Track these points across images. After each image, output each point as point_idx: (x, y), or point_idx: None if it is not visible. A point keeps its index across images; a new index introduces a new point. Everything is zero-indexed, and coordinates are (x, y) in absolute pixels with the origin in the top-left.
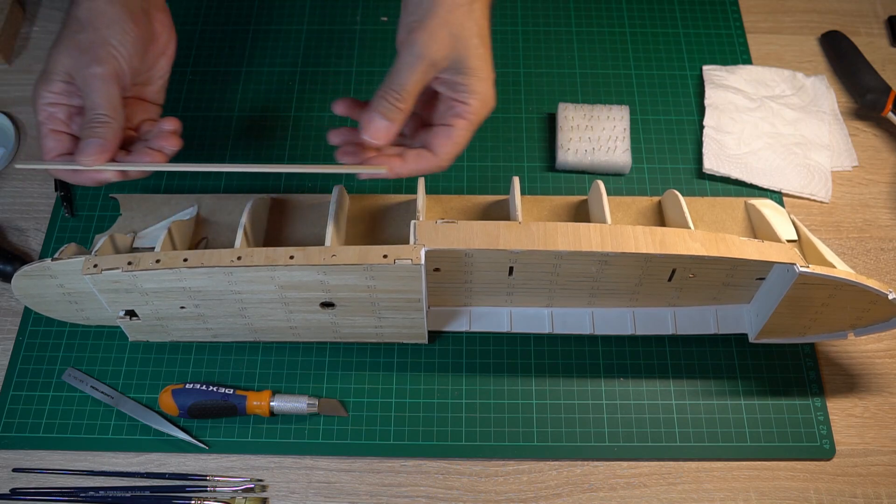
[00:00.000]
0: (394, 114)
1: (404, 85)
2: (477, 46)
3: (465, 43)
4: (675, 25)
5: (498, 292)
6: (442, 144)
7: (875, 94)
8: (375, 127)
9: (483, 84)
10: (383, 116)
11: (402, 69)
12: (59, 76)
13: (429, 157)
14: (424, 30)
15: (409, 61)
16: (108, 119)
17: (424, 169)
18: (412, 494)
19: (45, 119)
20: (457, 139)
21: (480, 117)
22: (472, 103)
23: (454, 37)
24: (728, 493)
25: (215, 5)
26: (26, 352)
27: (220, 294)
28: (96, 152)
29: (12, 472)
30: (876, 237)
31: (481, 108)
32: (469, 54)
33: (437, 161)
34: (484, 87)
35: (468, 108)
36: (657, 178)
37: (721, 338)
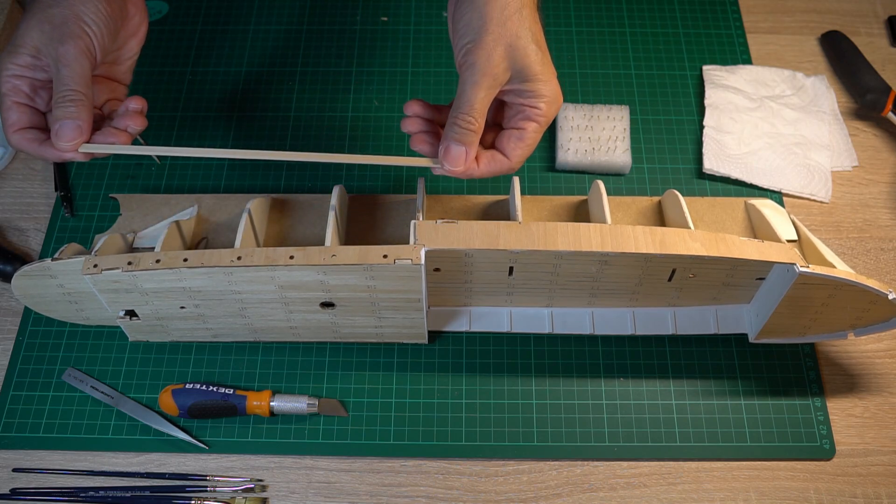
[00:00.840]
0: (468, 137)
1: (472, 106)
2: (535, 52)
3: (523, 52)
4: (675, 25)
5: (498, 292)
6: (514, 147)
7: (875, 94)
8: (453, 156)
9: (548, 86)
10: (459, 143)
11: (467, 90)
12: (26, 49)
13: (501, 160)
14: (481, 49)
15: (473, 81)
16: (80, 96)
17: (497, 171)
18: (412, 494)
19: (9, 91)
20: (528, 141)
21: (550, 118)
22: (541, 106)
23: (511, 48)
24: (728, 493)
25: (215, 5)
26: (26, 352)
27: (220, 294)
28: (75, 136)
29: (12, 472)
30: (876, 237)
31: (549, 109)
32: (529, 62)
33: (509, 164)
34: (550, 89)
35: (538, 112)
36: (657, 178)
37: (721, 338)
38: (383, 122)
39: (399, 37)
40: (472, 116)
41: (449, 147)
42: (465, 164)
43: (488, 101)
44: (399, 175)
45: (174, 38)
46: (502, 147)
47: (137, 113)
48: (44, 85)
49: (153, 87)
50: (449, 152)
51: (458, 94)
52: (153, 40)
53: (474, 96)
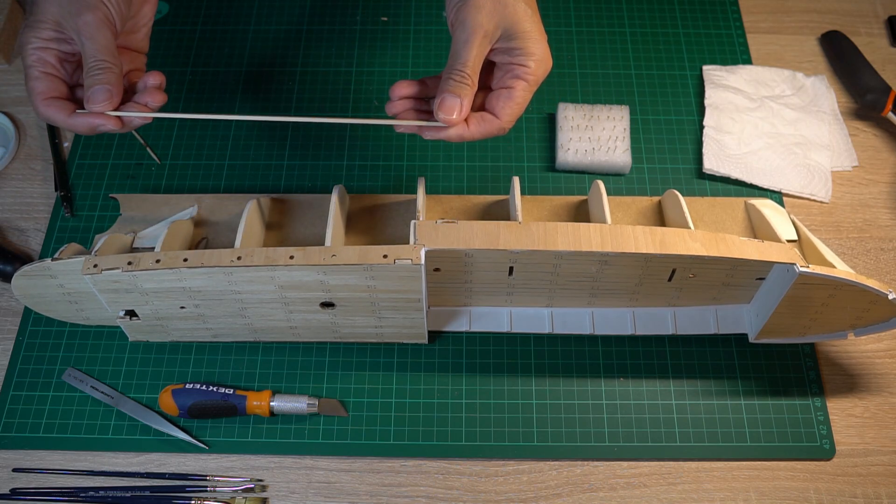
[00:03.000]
0: (462, 90)
1: (466, 61)
2: (525, 10)
3: (513, 9)
4: (675, 25)
5: (498, 292)
6: (504, 106)
7: (875, 94)
8: (448, 105)
9: (538, 45)
10: (454, 94)
11: (461, 47)
12: (47, 23)
13: (492, 120)
14: (472, 5)
15: (465, 38)
16: (108, 64)
17: (488, 132)
18: (412, 494)
19: (36, 62)
20: (518, 100)
21: (539, 77)
22: (530, 65)
23: (501, 5)
24: (728, 493)
25: (215, 5)
26: (26, 352)
27: (220, 294)
28: (105, 98)
29: (12, 472)
30: (876, 237)
31: (538, 68)
32: (518, 18)
33: (499, 123)
34: (539, 48)
35: (527, 70)
36: (657, 178)
37: (721, 338)
38: None
39: (399, 37)
40: (465, 72)
41: (444, 98)
42: (460, 115)
43: (481, 57)
44: (399, 175)
45: (174, 38)
46: (492, 107)
47: (156, 89)
48: (68, 57)
49: None
50: (444, 102)
51: (451, 53)
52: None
53: (467, 53)
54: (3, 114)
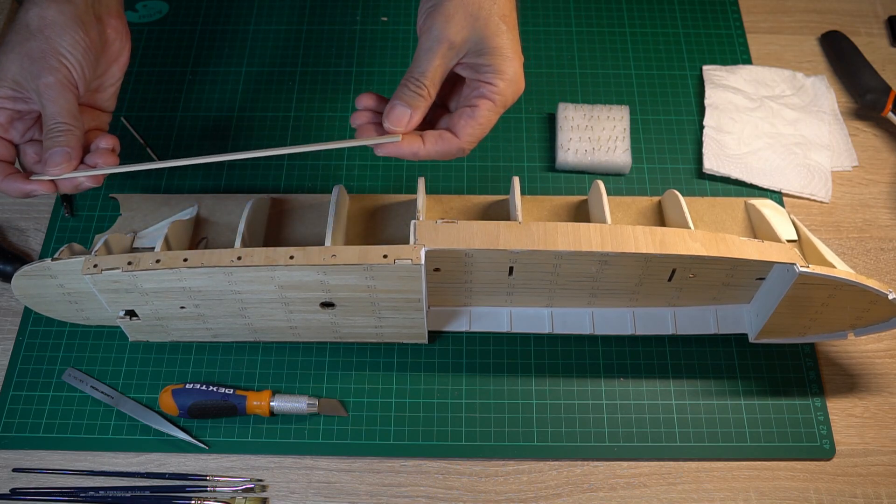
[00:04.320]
0: (415, 101)
1: (424, 71)
2: (498, 25)
3: (485, 23)
4: (675, 25)
5: (498, 292)
6: (464, 126)
7: (875, 94)
8: (396, 114)
9: (508, 63)
10: (405, 104)
11: (422, 55)
12: (6, 82)
13: (450, 139)
14: (441, 13)
15: (428, 46)
16: (68, 126)
17: (445, 151)
18: (412, 494)
19: None
20: (480, 120)
21: (507, 98)
22: (498, 84)
23: (472, 17)
24: (728, 493)
25: (215, 5)
26: (26, 352)
27: (220, 294)
28: (63, 160)
29: (12, 472)
30: (876, 237)
31: (507, 88)
32: (490, 33)
33: (458, 143)
34: (509, 67)
35: (494, 89)
36: (657, 178)
37: (721, 338)
38: None
39: (399, 37)
40: (421, 82)
41: (395, 106)
42: (408, 126)
43: (443, 69)
44: (399, 175)
45: (174, 38)
46: (452, 125)
47: (109, 151)
48: (21, 116)
49: (153, 87)
50: (393, 111)
51: (413, 60)
52: (153, 40)
53: (428, 63)
54: None
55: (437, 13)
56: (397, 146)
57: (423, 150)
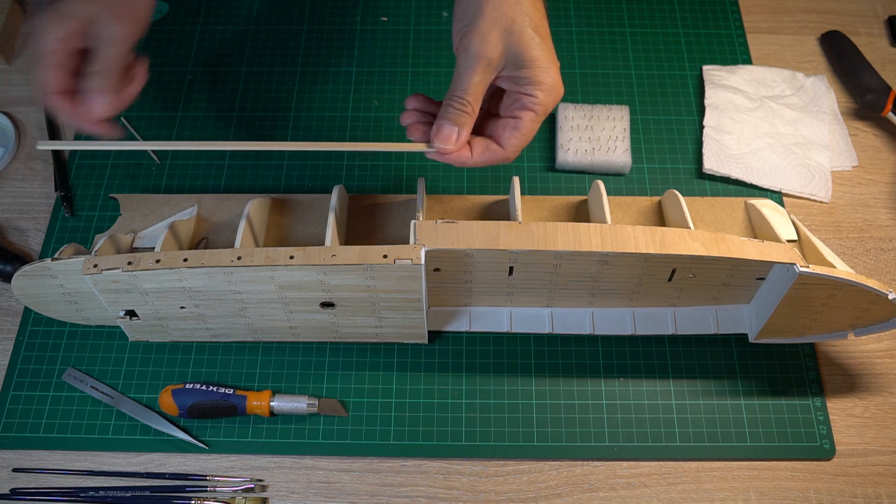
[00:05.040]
0: (461, 118)
1: (466, 89)
2: (532, 37)
3: (519, 36)
4: (675, 25)
5: (498, 292)
6: (510, 137)
7: (875, 94)
8: (444, 134)
9: (546, 74)
10: (451, 122)
11: (462, 74)
12: (78, 18)
13: (496, 150)
14: (476, 32)
15: (467, 65)
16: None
17: (491, 161)
18: (412, 494)
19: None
20: (524, 131)
21: (548, 108)
22: (538, 95)
23: (506, 32)
24: (728, 493)
25: (215, 5)
26: (26, 352)
27: (220, 294)
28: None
29: (12, 472)
30: (876, 237)
31: (547, 97)
32: (525, 46)
33: (503, 153)
34: (548, 77)
35: (534, 100)
36: (657, 178)
37: (721, 338)
38: (383, 121)
39: (399, 37)
40: (465, 99)
41: (442, 126)
42: (456, 144)
43: (484, 85)
44: (399, 175)
45: (174, 38)
46: (497, 136)
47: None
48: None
49: (153, 87)
50: (441, 131)
51: (454, 78)
52: (153, 40)
53: (469, 80)
54: (3, 114)
55: (473, 32)
56: (447, 155)
57: (472, 159)
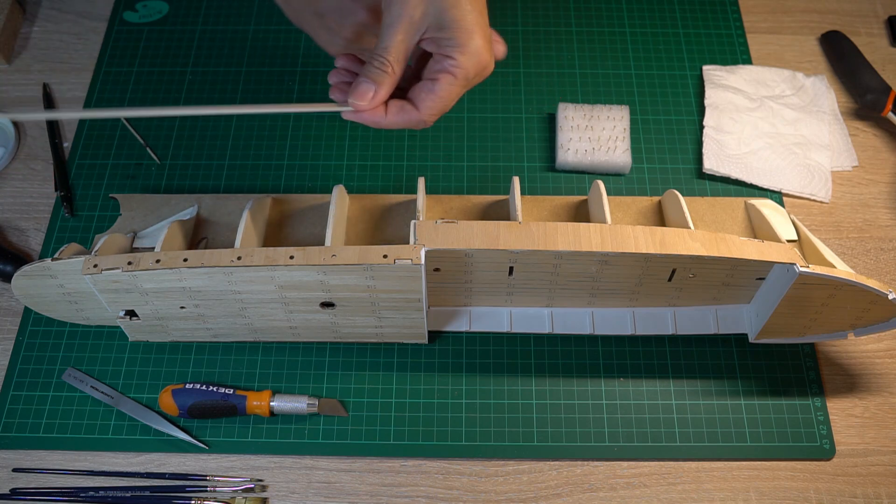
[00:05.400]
0: (379, 77)
1: (387, 47)
2: None
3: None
4: (675, 25)
5: (498, 292)
6: (424, 99)
7: (875, 94)
8: (360, 91)
9: (467, 36)
10: (369, 80)
11: (385, 32)
12: None
13: (410, 111)
14: None
15: (389, 23)
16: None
17: (406, 122)
18: (412, 494)
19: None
20: (441, 94)
21: (468, 72)
22: (457, 57)
23: None
24: (728, 493)
25: (215, 5)
26: (26, 352)
27: (220, 294)
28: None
29: (12, 472)
30: (876, 237)
31: (467, 62)
32: (447, 6)
33: (418, 115)
34: (469, 40)
35: (453, 63)
36: (657, 178)
37: (721, 338)
38: None
39: None
40: (384, 58)
41: (359, 83)
42: (372, 102)
43: (405, 45)
44: (399, 175)
45: (174, 38)
46: (413, 97)
47: None
48: None
49: (153, 87)
50: (357, 87)
51: (378, 36)
52: (153, 40)
53: (390, 39)
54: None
55: None
56: (360, 115)
57: (385, 120)
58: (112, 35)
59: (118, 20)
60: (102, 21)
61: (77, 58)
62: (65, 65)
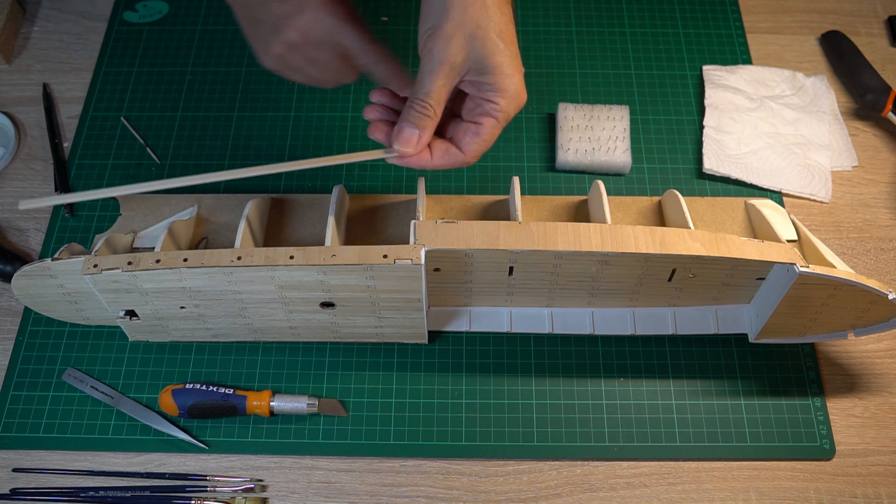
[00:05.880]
0: (422, 121)
1: (429, 92)
2: (496, 43)
3: (483, 42)
4: (675, 25)
5: (498, 292)
6: (470, 143)
7: (875, 94)
8: (405, 137)
9: (509, 80)
10: (413, 125)
11: (425, 77)
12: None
13: (456, 154)
14: (440, 36)
15: (430, 68)
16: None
17: (451, 164)
18: (412, 494)
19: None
20: (484, 137)
21: (509, 114)
22: (499, 102)
23: (470, 37)
24: (728, 493)
25: (215, 5)
26: (26, 352)
27: (220, 294)
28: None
29: (12, 472)
30: (876, 237)
31: (508, 105)
32: (488, 52)
33: (463, 158)
34: (511, 84)
35: (496, 107)
36: (657, 178)
37: (721, 338)
38: None
39: (399, 37)
40: (427, 102)
41: (402, 128)
42: (417, 147)
43: (446, 89)
44: (399, 175)
45: (174, 38)
46: (458, 140)
47: None
48: None
49: (153, 86)
50: (401, 133)
51: (417, 80)
52: (153, 40)
53: (431, 84)
54: (3, 114)
55: (437, 35)
56: (407, 159)
57: (431, 163)
58: (112, 35)
59: (118, 20)
60: (102, 21)
61: (77, 58)
62: (65, 65)
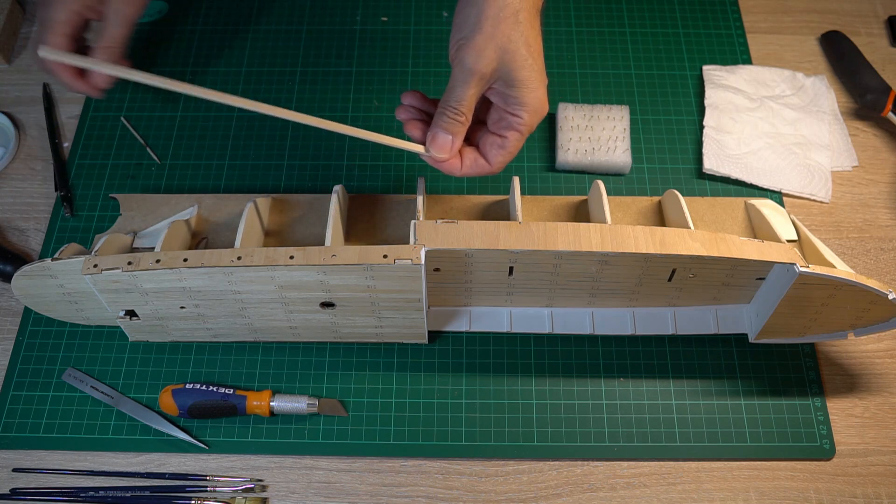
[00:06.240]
0: (455, 127)
1: (460, 100)
2: (525, 57)
3: (513, 56)
4: (675, 25)
5: (498, 292)
6: (496, 155)
7: (875, 94)
8: (440, 143)
9: (533, 95)
10: (446, 131)
11: (457, 85)
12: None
13: (483, 165)
14: (472, 46)
15: (462, 78)
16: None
17: (478, 173)
18: (412, 494)
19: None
20: (510, 149)
21: (532, 126)
22: (523, 116)
23: (501, 50)
24: (728, 493)
25: (215, 5)
26: (26, 352)
27: (220, 294)
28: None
29: (12, 472)
30: (876, 237)
31: (532, 118)
32: (516, 66)
33: (490, 168)
34: (534, 98)
35: (520, 121)
36: (657, 178)
37: (721, 338)
38: (383, 121)
39: (399, 37)
40: (459, 110)
41: (437, 134)
42: (451, 152)
43: (476, 97)
44: (399, 175)
45: (174, 38)
46: (485, 152)
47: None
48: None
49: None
50: (436, 139)
51: (448, 87)
52: (153, 40)
53: (463, 93)
54: (3, 114)
55: (469, 46)
56: (440, 163)
57: (461, 170)
58: None
59: None
60: None
61: None
62: None
